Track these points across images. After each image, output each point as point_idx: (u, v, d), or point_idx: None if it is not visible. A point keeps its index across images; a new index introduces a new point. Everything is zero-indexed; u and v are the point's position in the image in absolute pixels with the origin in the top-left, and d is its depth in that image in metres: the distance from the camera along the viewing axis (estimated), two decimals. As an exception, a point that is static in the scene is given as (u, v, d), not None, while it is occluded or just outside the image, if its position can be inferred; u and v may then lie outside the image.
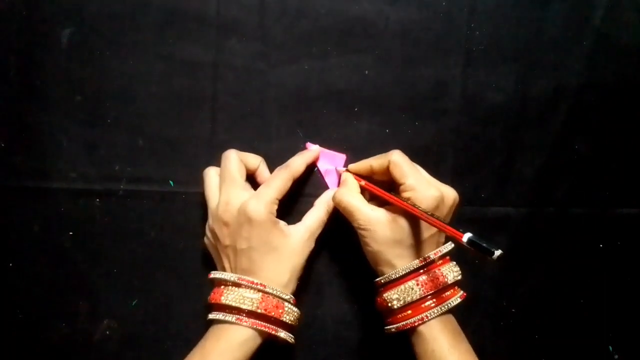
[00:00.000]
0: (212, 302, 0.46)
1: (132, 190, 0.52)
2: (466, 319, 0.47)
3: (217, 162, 0.50)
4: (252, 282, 0.45)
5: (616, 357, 0.56)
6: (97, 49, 0.51)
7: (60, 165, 0.52)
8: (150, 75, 0.52)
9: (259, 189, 0.47)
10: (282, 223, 0.47)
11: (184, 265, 0.53)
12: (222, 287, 0.46)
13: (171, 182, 0.53)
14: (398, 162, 0.47)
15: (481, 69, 0.53)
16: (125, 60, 0.51)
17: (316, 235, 0.49)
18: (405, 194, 0.45)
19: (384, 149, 0.49)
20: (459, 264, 0.47)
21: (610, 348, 0.56)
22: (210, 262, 0.50)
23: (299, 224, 0.49)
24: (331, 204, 0.50)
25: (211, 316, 0.46)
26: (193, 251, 0.53)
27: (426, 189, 0.45)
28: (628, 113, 0.55)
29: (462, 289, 0.47)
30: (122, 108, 0.52)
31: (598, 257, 0.56)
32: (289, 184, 0.48)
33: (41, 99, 0.51)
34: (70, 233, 0.52)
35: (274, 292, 0.45)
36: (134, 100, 0.52)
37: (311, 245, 0.48)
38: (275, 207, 0.47)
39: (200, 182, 0.50)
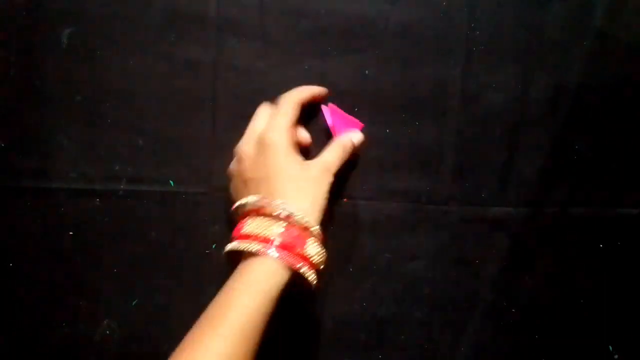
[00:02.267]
0: (234, 236, 0.45)
1: (132, 190, 0.52)
2: (466, 319, 0.47)
3: (217, 162, 0.50)
4: (274, 203, 0.44)
5: (616, 357, 0.56)
6: (97, 49, 0.51)
7: (60, 165, 0.52)
8: (150, 75, 0.52)
9: (269, 120, 0.48)
10: (300, 156, 0.48)
11: (184, 265, 0.53)
12: (244, 219, 0.46)
13: (171, 182, 0.53)
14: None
15: (481, 69, 0.53)
16: (125, 60, 0.51)
17: (334, 170, 0.48)
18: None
19: (384, 148, 0.49)
20: (458, 265, 0.47)
21: (611, 348, 0.56)
22: (210, 262, 0.50)
23: (315, 159, 0.48)
24: (348, 146, 0.50)
25: (230, 247, 0.44)
26: (193, 251, 0.53)
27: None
28: (628, 113, 0.55)
29: (462, 288, 0.47)
30: (122, 108, 0.52)
31: (598, 257, 0.56)
32: (298, 110, 0.48)
33: (41, 99, 0.51)
34: (70, 233, 0.52)
35: (298, 217, 0.44)
36: (134, 100, 0.52)
37: (330, 178, 0.47)
38: (292, 136, 0.47)
39: (201, 181, 0.50)
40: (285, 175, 0.45)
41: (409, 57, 0.53)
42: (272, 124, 0.47)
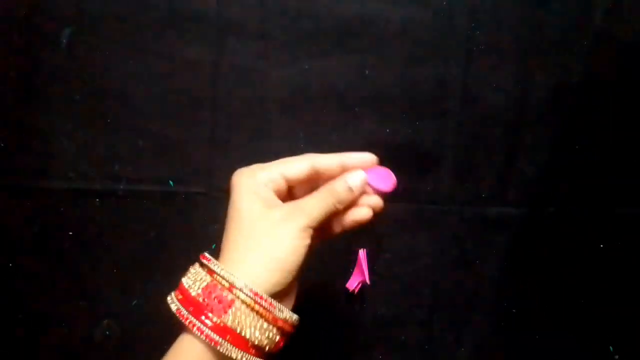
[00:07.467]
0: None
1: (131, 190, 0.52)
2: (466, 319, 0.47)
3: (216, 162, 0.50)
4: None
5: (617, 357, 0.56)
6: (97, 49, 0.51)
7: (60, 165, 0.52)
8: (150, 75, 0.51)
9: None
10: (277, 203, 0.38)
11: (184, 266, 0.53)
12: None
13: (171, 182, 0.53)
14: None
15: (482, 69, 0.53)
16: (125, 60, 0.51)
17: (313, 214, 0.36)
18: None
19: (384, 149, 0.49)
20: (459, 265, 0.47)
21: (611, 348, 0.56)
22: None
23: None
24: (340, 190, 0.38)
25: (171, 305, 0.39)
26: (193, 251, 0.53)
27: None
28: (629, 113, 0.55)
29: (462, 288, 0.47)
30: (122, 108, 0.52)
31: (599, 257, 0.56)
32: (304, 168, 0.38)
33: (41, 99, 0.51)
34: (70, 233, 0.52)
35: (222, 273, 0.35)
36: (134, 100, 0.52)
37: (302, 221, 0.36)
38: (275, 187, 0.38)
39: (200, 181, 0.50)
40: (237, 223, 0.36)
41: (409, 57, 0.53)
42: (252, 168, 0.38)
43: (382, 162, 0.53)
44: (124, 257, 0.53)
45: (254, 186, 0.37)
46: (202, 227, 0.51)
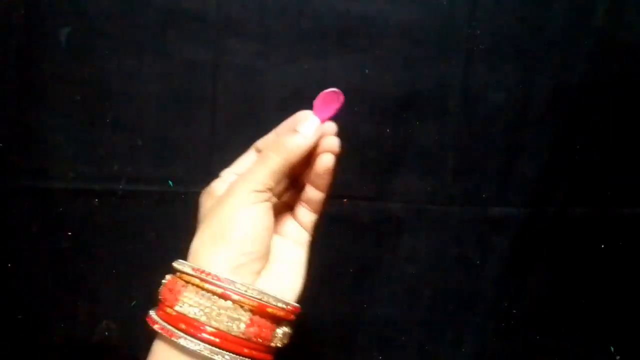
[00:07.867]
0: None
1: (131, 190, 0.52)
2: (467, 319, 0.47)
3: (217, 162, 0.50)
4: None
5: (618, 357, 0.56)
6: (97, 48, 0.51)
7: (59, 165, 0.51)
8: (150, 75, 0.51)
9: None
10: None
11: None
12: None
13: (170, 182, 0.52)
14: None
15: (482, 69, 0.53)
16: (125, 60, 0.51)
17: (258, 178, 0.35)
18: None
19: (385, 148, 0.49)
20: (459, 265, 0.47)
21: (612, 349, 0.56)
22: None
23: None
24: (288, 143, 0.37)
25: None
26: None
27: None
28: (629, 113, 0.55)
29: (462, 288, 0.47)
30: (121, 108, 0.52)
31: (599, 257, 0.56)
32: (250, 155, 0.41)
33: (41, 99, 0.51)
34: (69, 233, 0.52)
35: (175, 265, 0.36)
36: (133, 100, 0.52)
37: (246, 189, 0.35)
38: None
39: (200, 181, 0.50)
40: (198, 225, 0.37)
41: (409, 56, 0.53)
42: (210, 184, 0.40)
43: (383, 161, 0.54)
44: (124, 257, 0.53)
45: (210, 194, 0.38)
46: (202, 227, 0.51)
